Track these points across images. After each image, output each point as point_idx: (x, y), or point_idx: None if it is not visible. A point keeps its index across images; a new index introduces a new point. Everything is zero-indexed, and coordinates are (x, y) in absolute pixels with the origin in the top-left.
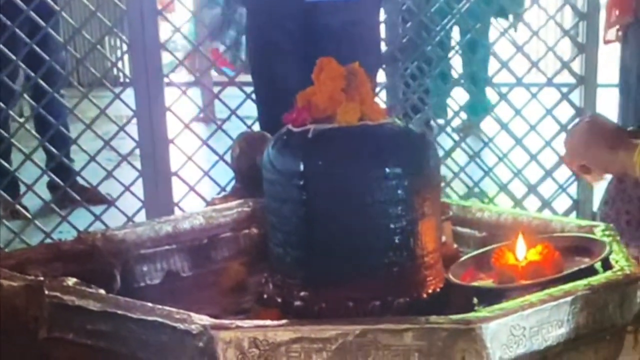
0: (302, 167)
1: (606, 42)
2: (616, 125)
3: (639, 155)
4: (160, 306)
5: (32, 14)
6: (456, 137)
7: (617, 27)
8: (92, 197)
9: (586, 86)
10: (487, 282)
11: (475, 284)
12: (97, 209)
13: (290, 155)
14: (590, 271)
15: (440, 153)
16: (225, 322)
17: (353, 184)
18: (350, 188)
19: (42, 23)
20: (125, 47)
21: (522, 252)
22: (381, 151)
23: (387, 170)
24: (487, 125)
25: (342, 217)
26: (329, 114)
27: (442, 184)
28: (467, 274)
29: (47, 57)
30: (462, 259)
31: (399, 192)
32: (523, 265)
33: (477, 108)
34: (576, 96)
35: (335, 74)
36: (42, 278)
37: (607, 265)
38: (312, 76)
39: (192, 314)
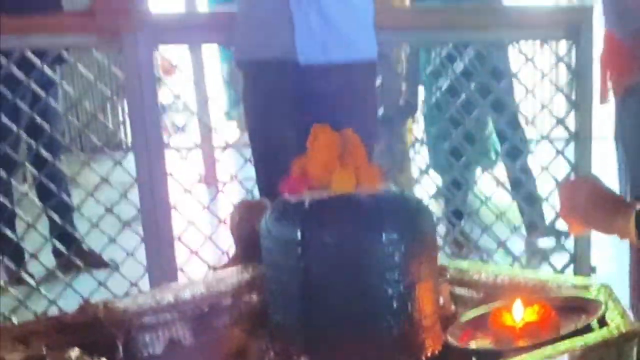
0: (299, 236)
1: (602, 102)
2: (613, 192)
3: (634, 222)
4: None
5: (33, 84)
6: None
7: (613, 88)
8: (96, 262)
9: (580, 141)
10: (485, 343)
11: (473, 346)
12: (101, 275)
13: (288, 224)
14: (587, 331)
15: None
16: None
17: (350, 251)
18: (347, 255)
19: (43, 93)
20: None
21: (519, 313)
22: (377, 217)
23: (384, 236)
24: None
25: (340, 284)
26: (324, 182)
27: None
28: (465, 335)
29: (47, 127)
30: (460, 320)
31: (396, 257)
32: (520, 326)
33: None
34: (571, 150)
35: (330, 141)
36: (44, 350)
37: (603, 323)
38: (307, 144)
39: None
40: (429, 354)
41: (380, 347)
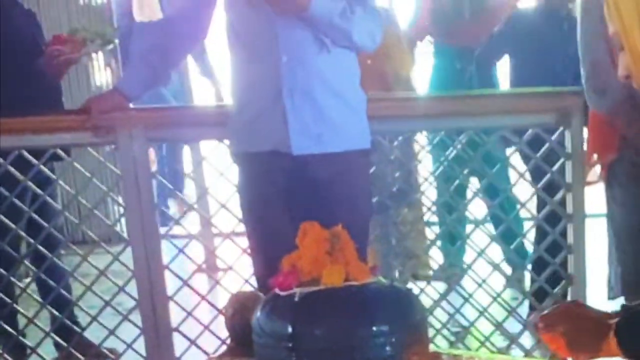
0: (290, 330)
1: (588, 183)
2: (597, 312)
3: (615, 340)
4: None
5: (30, 182)
6: None
7: (599, 167)
8: (97, 354)
9: (575, 223)
10: None
11: None
12: None
13: (278, 318)
14: None
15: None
16: None
17: (341, 344)
18: (338, 348)
19: (40, 192)
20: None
21: None
22: (367, 310)
23: (374, 328)
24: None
25: None
26: (314, 277)
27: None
28: None
29: (46, 224)
30: None
31: (387, 349)
32: None
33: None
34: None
35: (319, 237)
36: None
37: None
38: (297, 240)
39: None
40: None
41: None
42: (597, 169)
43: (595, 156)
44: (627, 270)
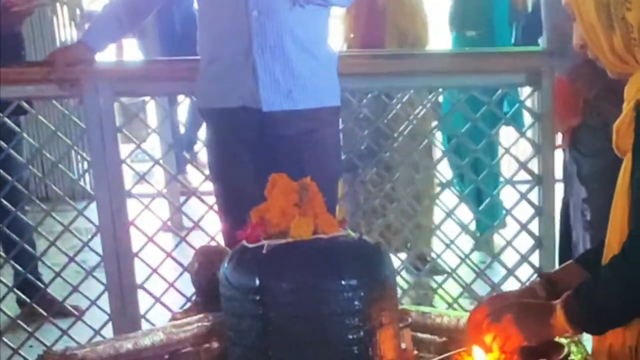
0: (257, 283)
1: (557, 147)
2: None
3: (562, 314)
4: None
5: None
6: None
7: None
8: (60, 311)
9: (544, 185)
10: None
11: None
12: (65, 323)
13: (246, 271)
14: None
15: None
16: None
17: (309, 298)
18: (306, 301)
19: (4, 145)
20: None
21: (481, 357)
22: (336, 264)
23: (343, 282)
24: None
25: (299, 330)
26: (282, 229)
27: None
28: None
29: (9, 177)
30: None
31: (356, 303)
32: None
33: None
34: (534, 194)
35: (287, 189)
36: None
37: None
38: (265, 193)
39: None
40: None
41: None
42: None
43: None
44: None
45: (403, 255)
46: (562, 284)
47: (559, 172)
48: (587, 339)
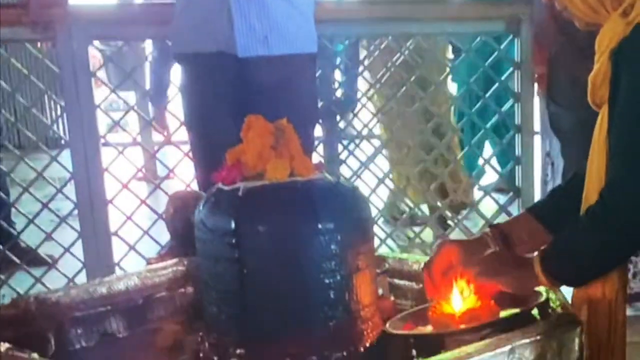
0: (233, 225)
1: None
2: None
3: (539, 266)
4: None
5: None
6: None
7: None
8: (33, 259)
9: (524, 134)
10: (425, 330)
11: (412, 332)
12: (38, 271)
13: (221, 213)
14: (527, 318)
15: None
16: None
17: (285, 241)
18: (282, 245)
19: None
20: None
21: (459, 302)
22: (312, 207)
23: (319, 225)
24: None
25: (275, 274)
26: (258, 171)
27: (384, 237)
28: (405, 328)
29: None
30: (399, 315)
31: (332, 247)
32: (459, 314)
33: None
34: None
35: (264, 131)
36: None
37: (545, 314)
38: (241, 134)
39: None
40: (367, 345)
41: (317, 338)
42: None
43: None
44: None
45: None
46: (514, 235)
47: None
48: (568, 291)
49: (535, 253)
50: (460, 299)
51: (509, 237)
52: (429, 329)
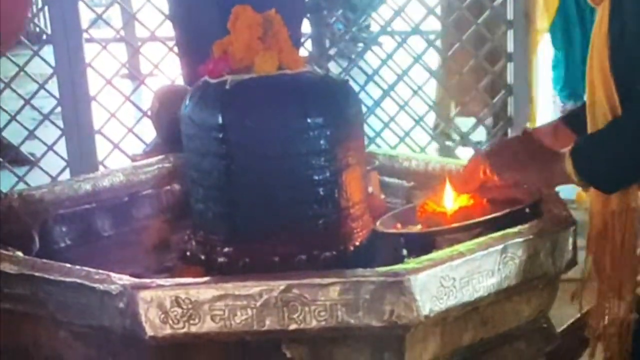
0: (220, 120)
1: None
2: (538, 144)
3: (569, 163)
4: (78, 267)
5: None
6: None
7: None
8: (15, 157)
9: (515, 29)
10: (415, 228)
11: (403, 230)
12: (21, 170)
13: (208, 107)
14: (521, 217)
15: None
16: (146, 281)
17: (273, 136)
18: (270, 140)
19: None
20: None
21: (450, 201)
22: (301, 101)
23: (309, 120)
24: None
25: (263, 170)
26: (246, 64)
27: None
28: (395, 227)
29: None
30: (390, 213)
31: (321, 142)
32: (451, 212)
33: None
34: None
35: (251, 22)
36: None
37: (539, 213)
38: (228, 25)
39: (111, 274)
40: (357, 244)
41: (306, 237)
42: None
43: None
44: None
45: None
46: (543, 138)
47: None
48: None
49: (567, 149)
50: (452, 198)
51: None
52: (419, 228)
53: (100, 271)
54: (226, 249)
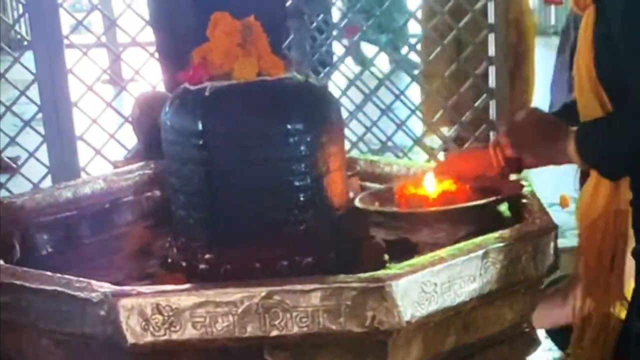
0: (200, 126)
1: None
2: (554, 118)
3: (574, 143)
4: (59, 275)
5: None
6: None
7: None
8: None
9: (496, 33)
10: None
11: (381, 208)
12: (3, 177)
13: (188, 114)
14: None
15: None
16: (127, 288)
17: (254, 142)
18: (251, 146)
19: None
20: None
21: (432, 186)
22: (281, 107)
23: (289, 126)
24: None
25: (244, 176)
26: (226, 70)
27: (356, 139)
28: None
29: None
30: (368, 191)
31: (302, 148)
32: (434, 196)
33: None
34: None
35: (231, 28)
36: None
37: (520, 218)
38: (207, 32)
39: (92, 281)
40: (338, 249)
41: (287, 243)
42: None
43: None
44: None
45: None
46: None
47: None
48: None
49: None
50: (434, 182)
51: None
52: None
53: (81, 279)
54: (207, 256)
